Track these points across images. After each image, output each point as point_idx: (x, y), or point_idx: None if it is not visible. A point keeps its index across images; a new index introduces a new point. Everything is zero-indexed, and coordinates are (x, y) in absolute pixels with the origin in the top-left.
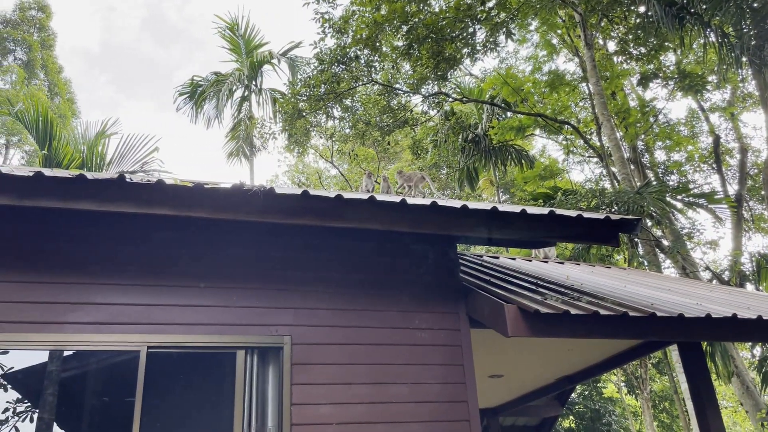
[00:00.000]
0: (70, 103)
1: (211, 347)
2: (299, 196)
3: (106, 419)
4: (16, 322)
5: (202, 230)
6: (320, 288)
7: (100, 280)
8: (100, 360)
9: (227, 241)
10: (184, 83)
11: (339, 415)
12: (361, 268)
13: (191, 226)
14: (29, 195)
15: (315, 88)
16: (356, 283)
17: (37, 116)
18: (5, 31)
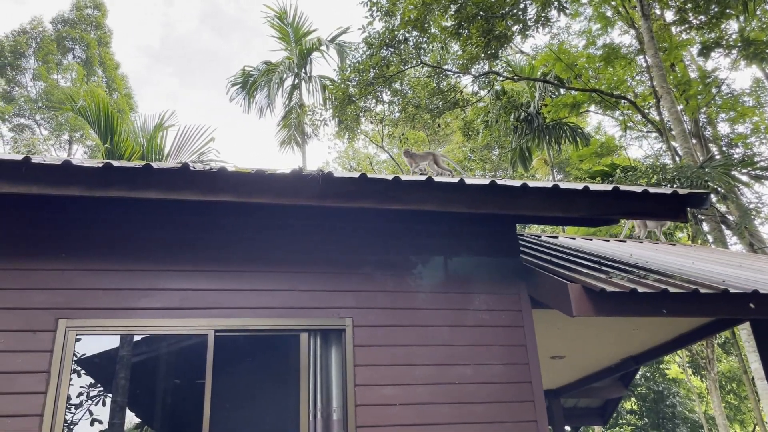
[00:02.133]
0: (127, 98)
1: (275, 330)
2: (357, 179)
3: (177, 401)
4: (90, 309)
5: (264, 216)
6: (380, 270)
7: (169, 266)
8: (169, 344)
9: (288, 225)
10: (236, 74)
11: (402, 396)
12: (420, 250)
13: (253, 212)
14: (99, 186)
15: (364, 73)
16: (415, 265)
17: (99, 112)
18: (64, 30)
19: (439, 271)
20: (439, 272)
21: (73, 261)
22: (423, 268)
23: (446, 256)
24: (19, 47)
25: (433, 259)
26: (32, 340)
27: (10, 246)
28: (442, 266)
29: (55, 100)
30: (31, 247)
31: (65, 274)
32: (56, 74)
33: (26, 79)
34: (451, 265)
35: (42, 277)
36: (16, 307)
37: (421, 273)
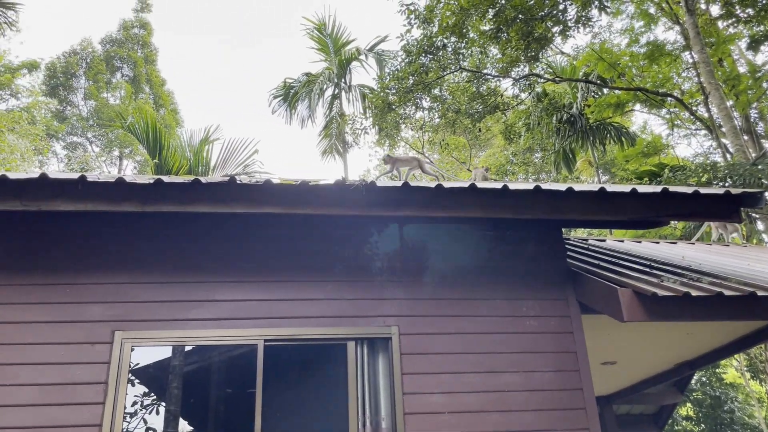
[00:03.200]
0: (174, 113)
1: (322, 339)
2: (400, 188)
3: (228, 410)
4: (144, 321)
5: (309, 226)
6: (424, 278)
7: (219, 277)
8: (220, 353)
9: (333, 235)
10: (277, 86)
11: (451, 403)
12: (465, 256)
13: (298, 223)
14: (151, 201)
15: (403, 81)
16: (459, 272)
17: (147, 128)
18: (112, 50)
19: (484, 278)
20: (484, 279)
21: (127, 274)
22: (467, 275)
23: (491, 263)
24: (70, 68)
25: (478, 265)
26: (91, 352)
27: (67, 261)
28: (487, 273)
29: (106, 118)
30: (87, 261)
31: (120, 287)
32: (106, 93)
33: (78, 99)
34: (497, 272)
35: (98, 290)
36: (75, 321)
37: (466, 280)
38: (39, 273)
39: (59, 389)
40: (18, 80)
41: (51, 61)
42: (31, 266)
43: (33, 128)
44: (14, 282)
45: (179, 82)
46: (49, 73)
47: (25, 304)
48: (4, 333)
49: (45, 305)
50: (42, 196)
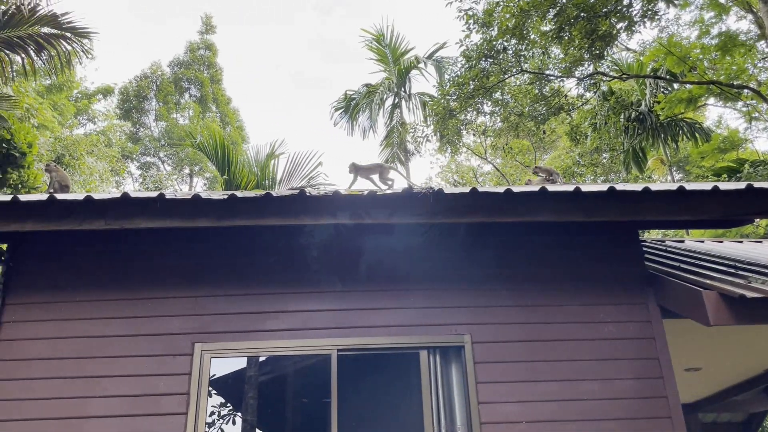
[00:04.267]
0: (239, 130)
1: (395, 348)
2: (468, 194)
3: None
4: (222, 332)
5: (379, 236)
6: (495, 285)
7: (292, 288)
8: (294, 363)
9: (402, 244)
10: (338, 99)
11: (528, 413)
12: (536, 262)
13: (368, 233)
14: (225, 216)
15: (463, 86)
16: (531, 278)
17: (216, 145)
18: (180, 72)
19: (558, 284)
20: (558, 285)
21: (203, 288)
22: (540, 281)
23: (564, 268)
24: (142, 91)
25: (550, 271)
26: (172, 363)
27: (147, 276)
28: (561, 278)
29: (176, 138)
30: (166, 276)
31: (198, 300)
32: (175, 113)
33: (149, 120)
34: (571, 277)
35: (177, 304)
36: (157, 333)
37: (538, 286)
38: (121, 288)
39: (144, 400)
40: (94, 105)
41: (124, 85)
42: (114, 282)
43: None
44: (99, 298)
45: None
46: (123, 97)
47: (109, 319)
48: (92, 347)
49: (128, 319)
50: (124, 215)
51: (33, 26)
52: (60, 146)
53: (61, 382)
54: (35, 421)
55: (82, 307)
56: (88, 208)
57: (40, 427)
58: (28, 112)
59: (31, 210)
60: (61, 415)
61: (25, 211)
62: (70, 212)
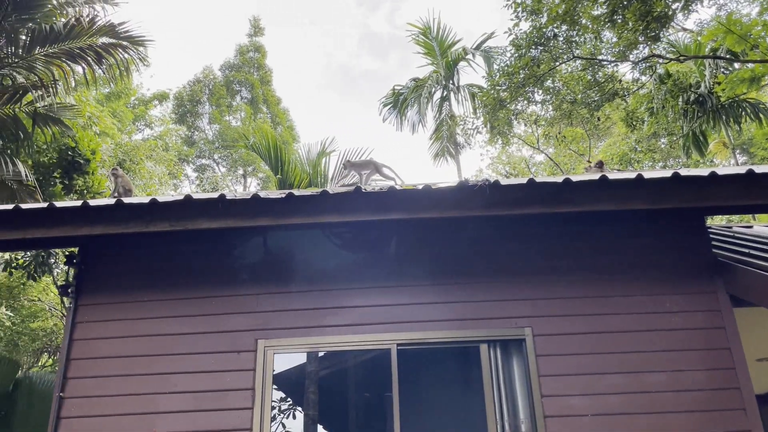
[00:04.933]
0: (290, 129)
1: (454, 342)
2: (525, 185)
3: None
4: (283, 329)
5: (433, 230)
6: (555, 277)
7: (350, 284)
8: (353, 358)
9: (458, 237)
10: (386, 94)
11: (593, 406)
12: (597, 252)
13: (424, 227)
14: (284, 214)
15: (513, 76)
16: (593, 269)
17: (269, 146)
18: (231, 75)
19: (621, 274)
20: (621, 275)
21: (264, 285)
22: (602, 272)
23: (627, 258)
24: (195, 95)
25: (613, 261)
26: (237, 360)
27: (211, 275)
28: (624, 268)
29: (229, 140)
30: (229, 275)
31: (259, 297)
32: (228, 116)
33: (203, 124)
34: (634, 267)
35: (240, 301)
36: (222, 331)
37: (600, 277)
38: (186, 288)
39: (212, 396)
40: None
41: (178, 90)
42: (179, 282)
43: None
44: (165, 297)
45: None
46: (177, 102)
47: (176, 317)
48: (160, 345)
49: (194, 317)
50: (187, 216)
51: (92, 37)
52: (121, 152)
53: (132, 379)
54: (110, 417)
55: (149, 306)
56: (154, 210)
57: (114, 423)
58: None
59: (100, 214)
60: (134, 410)
61: (95, 215)
62: (136, 215)
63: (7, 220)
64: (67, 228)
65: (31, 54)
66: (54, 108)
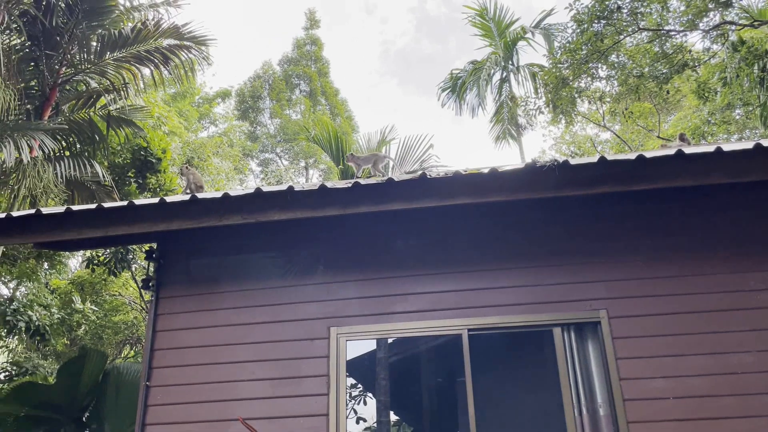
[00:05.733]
0: (348, 120)
1: (526, 326)
2: (596, 163)
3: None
4: (354, 316)
5: (501, 213)
6: (631, 257)
7: (419, 271)
8: (423, 344)
9: (525, 220)
10: (444, 79)
11: (675, 388)
12: (672, 231)
13: (490, 211)
14: (351, 204)
15: (576, 52)
16: (669, 248)
17: (330, 137)
18: (289, 69)
19: (700, 252)
20: (700, 253)
21: (335, 274)
22: (680, 250)
23: (707, 235)
24: (256, 91)
25: (691, 239)
26: (311, 347)
27: (282, 265)
28: (704, 246)
29: (290, 133)
30: (299, 264)
31: (330, 286)
32: (288, 109)
33: (265, 118)
34: (714, 244)
35: (312, 290)
36: (295, 319)
37: (678, 255)
38: (259, 278)
39: (288, 382)
40: (215, 109)
41: (239, 87)
42: (252, 272)
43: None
44: (240, 288)
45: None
46: (239, 98)
47: (252, 307)
48: (237, 334)
49: (268, 307)
50: (258, 209)
51: (158, 39)
52: (189, 150)
53: (212, 368)
54: (193, 404)
55: (225, 297)
56: (226, 204)
57: (197, 410)
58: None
59: (176, 210)
60: (216, 398)
61: (171, 211)
62: (210, 210)
63: (91, 219)
64: (146, 224)
65: (102, 59)
66: (125, 110)
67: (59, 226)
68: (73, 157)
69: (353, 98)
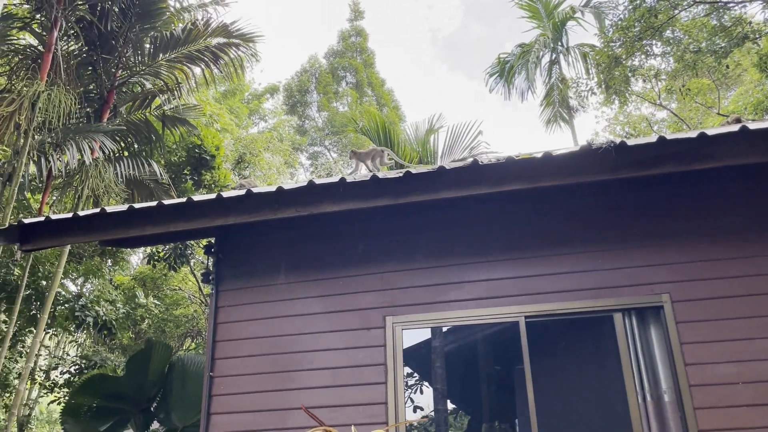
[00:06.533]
0: (395, 110)
1: (586, 312)
2: (655, 143)
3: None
4: (408, 305)
5: (557, 198)
6: (694, 239)
7: (473, 258)
8: (478, 332)
9: (581, 204)
10: (491, 64)
11: (745, 373)
12: (738, 210)
13: (541, 197)
14: (402, 193)
15: (628, 30)
16: (734, 229)
17: (377, 128)
18: (335, 61)
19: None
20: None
21: (388, 264)
22: (744, 230)
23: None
24: (303, 85)
25: (757, 218)
26: (367, 336)
27: (337, 256)
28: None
29: (338, 125)
30: (354, 255)
31: (384, 276)
32: (335, 102)
33: (313, 112)
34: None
35: (367, 280)
36: (352, 309)
37: (744, 236)
38: (314, 269)
39: (347, 371)
40: (264, 104)
41: (287, 82)
42: (307, 264)
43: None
44: (296, 279)
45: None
46: (287, 93)
47: (308, 298)
48: (296, 325)
49: (325, 297)
50: (312, 202)
51: (207, 39)
52: (240, 146)
53: (272, 358)
54: (255, 394)
55: (282, 289)
56: (280, 198)
57: (260, 399)
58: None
59: (232, 204)
60: (276, 387)
61: (228, 205)
62: (265, 203)
63: (153, 216)
64: (205, 220)
65: (155, 61)
66: (179, 109)
67: (122, 223)
68: (132, 157)
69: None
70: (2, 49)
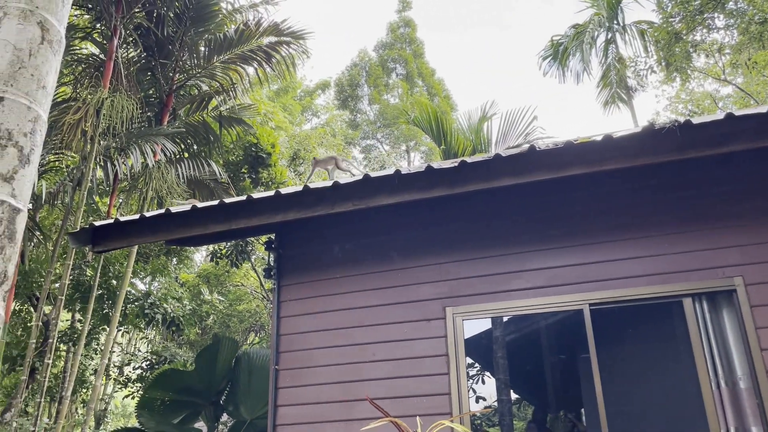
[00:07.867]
0: (447, 99)
1: (653, 298)
2: (723, 120)
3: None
4: (468, 295)
5: (619, 181)
6: (766, 220)
7: (533, 246)
8: (540, 321)
9: (647, 186)
10: (544, 47)
11: None
12: None
13: (601, 182)
14: (458, 183)
15: (688, 3)
16: None
17: (429, 119)
18: (385, 54)
19: None
20: None
21: (446, 254)
22: None
23: None
24: (353, 79)
25: None
26: (427, 327)
27: (396, 248)
28: None
29: (389, 117)
30: (412, 247)
31: (442, 266)
32: (386, 94)
33: (364, 105)
34: None
35: (425, 271)
36: (411, 300)
37: None
38: (373, 262)
39: (409, 363)
40: (316, 101)
41: (338, 77)
42: (366, 257)
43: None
44: (356, 272)
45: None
46: (338, 88)
47: (368, 291)
48: (357, 317)
49: (384, 289)
50: (368, 195)
51: (259, 38)
52: (295, 143)
53: (334, 351)
54: (319, 386)
55: (342, 282)
56: (337, 193)
57: (323, 391)
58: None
59: (290, 201)
60: (341, 379)
61: (286, 202)
62: (322, 199)
63: (215, 214)
64: (264, 216)
65: (210, 63)
66: (235, 109)
67: (186, 223)
68: (192, 158)
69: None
70: (66, 59)
